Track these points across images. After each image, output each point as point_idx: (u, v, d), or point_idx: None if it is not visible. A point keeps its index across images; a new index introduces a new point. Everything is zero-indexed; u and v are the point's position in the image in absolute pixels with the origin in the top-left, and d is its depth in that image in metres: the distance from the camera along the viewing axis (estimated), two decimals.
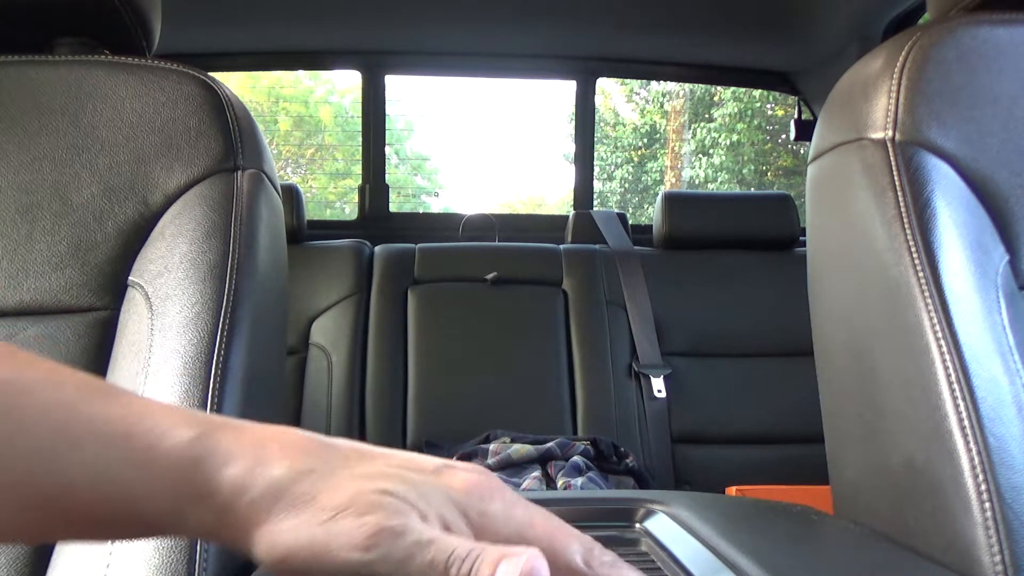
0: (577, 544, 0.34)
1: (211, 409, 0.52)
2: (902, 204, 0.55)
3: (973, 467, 0.47)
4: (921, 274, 0.53)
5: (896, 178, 0.56)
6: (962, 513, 0.47)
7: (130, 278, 0.59)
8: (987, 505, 0.46)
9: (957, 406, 0.49)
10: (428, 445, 1.80)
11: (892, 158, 0.56)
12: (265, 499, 0.33)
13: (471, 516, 0.34)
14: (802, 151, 8.34)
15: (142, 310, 0.57)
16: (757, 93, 8.86)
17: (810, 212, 0.68)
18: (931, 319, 0.52)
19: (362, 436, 1.84)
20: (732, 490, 1.49)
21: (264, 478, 0.33)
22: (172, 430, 0.34)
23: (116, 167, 0.61)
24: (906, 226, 0.55)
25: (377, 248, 2.07)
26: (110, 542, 0.50)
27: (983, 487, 0.46)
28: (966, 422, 0.48)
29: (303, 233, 2.04)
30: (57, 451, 0.33)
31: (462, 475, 0.35)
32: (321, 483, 0.33)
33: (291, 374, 1.89)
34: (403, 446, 1.82)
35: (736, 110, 9.33)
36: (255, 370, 0.56)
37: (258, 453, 0.34)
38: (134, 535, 0.37)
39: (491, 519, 0.34)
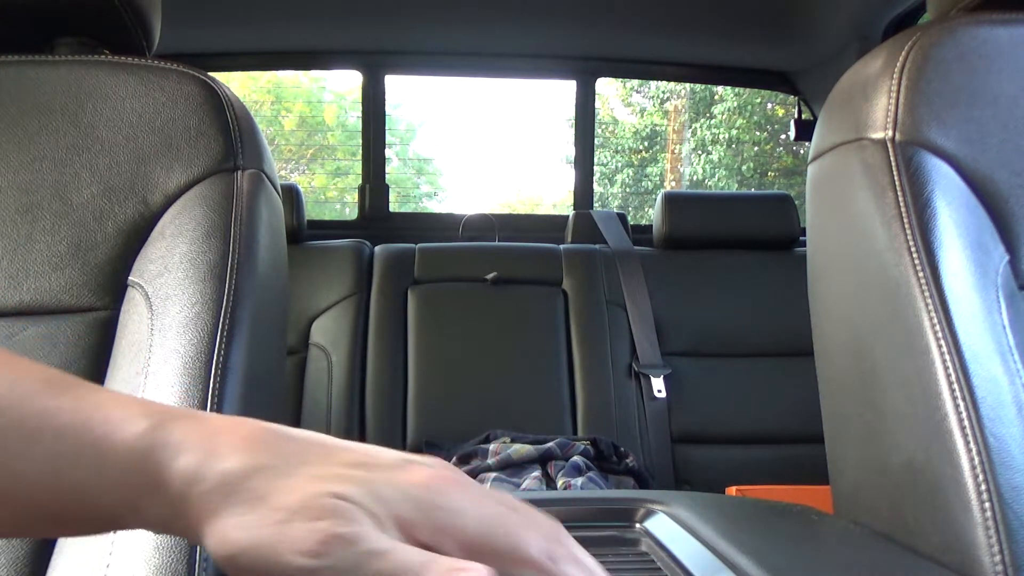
0: (538, 539, 0.33)
1: (211, 409, 0.52)
2: (902, 204, 0.55)
3: (973, 467, 0.47)
4: (921, 274, 0.53)
5: (896, 178, 0.56)
6: (962, 513, 0.47)
7: (130, 278, 0.59)
8: (987, 505, 0.46)
9: (957, 406, 0.49)
10: (428, 445, 1.80)
11: (892, 158, 0.56)
12: (217, 492, 0.32)
13: (430, 512, 0.32)
14: (802, 151, 8.35)
15: (142, 310, 0.57)
16: (756, 92, 8.87)
17: (810, 212, 0.68)
18: (931, 319, 0.52)
19: (362, 436, 1.84)
20: (732, 490, 1.49)
21: (216, 470, 0.32)
22: (126, 422, 0.34)
23: (116, 167, 0.61)
24: (906, 226, 0.55)
25: (377, 248, 2.07)
26: (110, 542, 0.50)
27: (983, 487, 0.46)
28: (966, 422, 0.48)
29: (303, 233, 2.04)
30: (10, 446, 0.33)
31: (422, 470, 0.34)
32: (274, 481, 0.32)
33: (291, 374, 1.89)
34: (403, 446, 1.82)
35: (736, 105, 9.33)
36: (255, 370, 0.56)
37: (211, 445, 0.33)
38: (91, 530, 0.37)
39: (452, 514, 0.33)
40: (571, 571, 0.33)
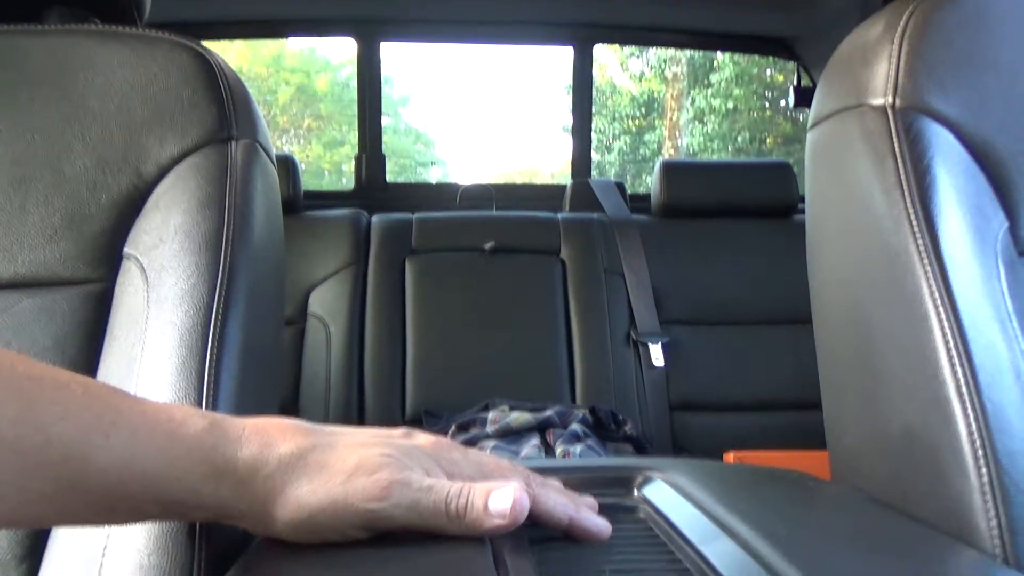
0: (519, 476, 0.43)
1: (208, 380, 0.52)
2: (902, 171, 0.55)
3: (970, 433, 0.47)
4: (920, 241, 0.53)
5: (896, 144, 0.55)
6: (959, 479, 0.47)
7: (125, 250, 0.59)
8: (983, 471, 0.46)
9: (955, 373, 0.49)
10: (427, 415, 1.81)
11: (892, 124, 0.56)
12: (280, 472, 0.39)
13: (442, 464, 0.42)
14: (801, 118, 8.30)
15: (137, 282, 0.57)
16: (755, 57, 8.79)
17: (809, 179, 0.68)
18: (930, 286, 0.51)
19: (361, 406, 1.85)
20: (730, 456, 1.50)
21: (275, 456, 0.39)
22: (187, 419, 0.40)
23: (108, 138, 0.61)
24: (905, 193, 0.54)
25: (374, 218, 2.06)
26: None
27: (980, 453, 0.47)
28: (964, 388, 0.48)
29: (299, 203, 2.03)
30: (92, 438, 0.37)
31: (426, 436, 0.44)
32: (327, 453, 0.39)
33: (290, 345, 1.89)
34: (402, 416, 1.83)
35: (733, 74, 9.25)
36: (252, 341, 0.56)
37: (263, 438, 0.40)
38: (157, 516, 0.43)
39: (456, 465, 0.42)
40: (543, 493, 0.43)
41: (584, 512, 0.45)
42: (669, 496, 0.51)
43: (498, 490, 0.39)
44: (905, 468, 0.52)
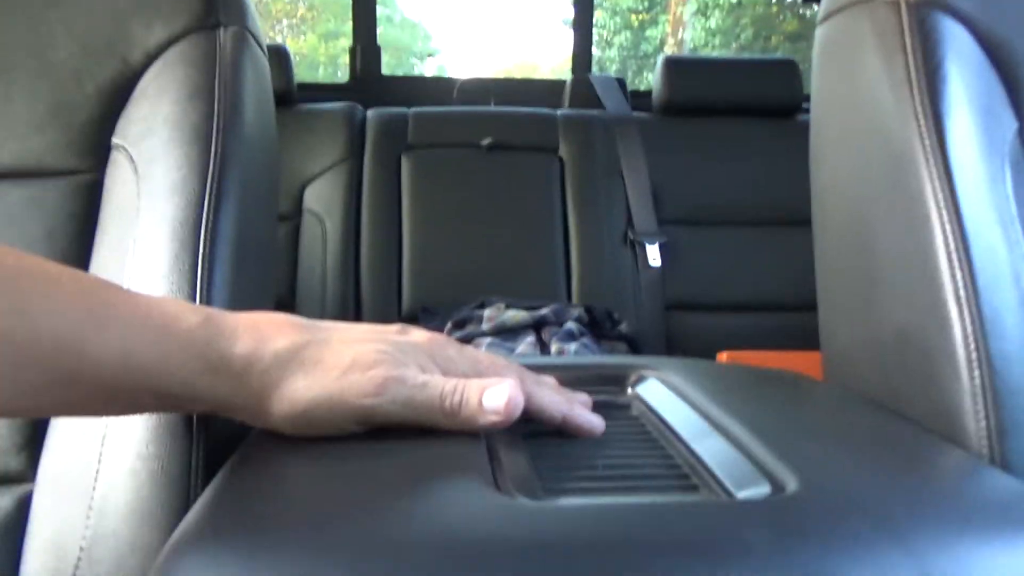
0: (514, 373, 0.44)
1: (201, 274, 0.52)
2: (912, 67, 0.53)
3: (966, 336, 0.47)
4: (927, 141, 0.52)
5: (908, 40, 0.53)
6: (951, 381, 0.47)
7: (113, 140, 0.58)
8: (976, 373, 0.46)
9: (954, 276, 0.48)
10: (423, 311, 1.82)
11: (905, 18, 0.54)
12: (275, 367, 0.39)
13: (437, 361, 0.42)
14: (808, 14, 8.06)
15: (127, 174, 0.56)
16: None
17: (816, 77, 0.66)
18: (933, 187, 0.51)
19: (357, 303, 1.86)
20: (723, 356, 1.52)
21: (270, 350, 0.39)
22: (182, 314, 0.39)
23: (93, 24, 0.59)
24: (914, 90, 0.53)
25: (369, 112, 2.02)
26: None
27: (974, 356, 0.47)
28: (962, 292, 0.48)
29: (293, 96, 1.99)
30: (85, 331, 0.37)
31: (422, 334, 0.44)
32: (322, 349, 0.39)
33: (285, 241, 1.89)
34: (398, 312, 1.84)
35: None
36: (245, 235, 0.56)
37: (258, 333, 0.39)
38: (153, 408, 0.44)
39: (451, 362, 0.42)
40: (537, 390, 0.43)
41: (578, 409, 0.45)
42: (662, 394, 0.51)
43: (493, 387, 0.39)
44: (898, 369, 0.52)
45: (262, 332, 0.39)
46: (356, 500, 0.33)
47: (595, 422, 0.45)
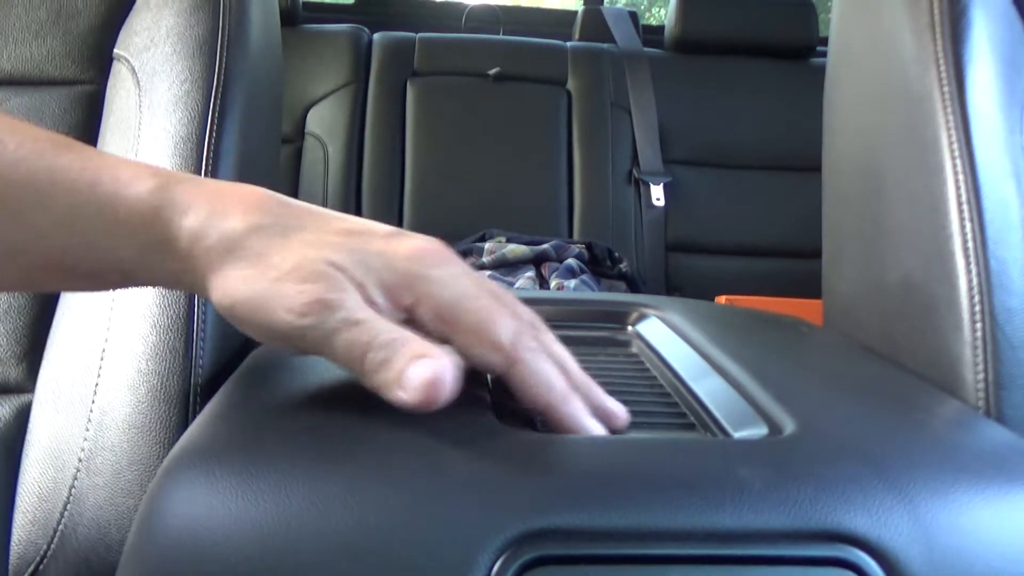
0: (510, 323, 0.34)
1: None
2: (936, 12, 0.52)
3: (971, 287, 0.47)
4: (946, 88, 0.51)
5: None
6: (952, 332, 0.47)
7: (115, 51, 0.56)
8: (978, 325, 0.46)
9: (963, 226, 0.48)
10: None
11: None
12: (219, 248, 0.34)
13: (412, 281, 0.34)
14: None
15: (129, 85, 0.55)
16: None
17: (836, 16, 0.64)
18: (949, 135, 0.50)
19: None
20: (722, 299, 1.52)
21: (218, 228, 0.34)
22: (134, 181, 0.35)
23: None
24: (937, 36, 0.52)
25: (376, 35, 1.98)
26: (106, 319, 0.51)
27: (977, 308, 0.46)
28: (970, 243, 0.47)
29: (298, 15, 1.95)
30: (24, 202, 0.34)
31: (411, 242, 0.35)
32: (272, 241, 0.34)
33: (286, 163, 1.87)
34: None
35: None
36: (249, 154, 0.55)
37: (215, 205, 0.35)
38: (103, 285, 0.40)
39: (430, 283, 0.34)
40: (532, 359, 0.34)
41: (573, 405, 0.34)
42: (663, 333, 0.51)
43: (426, 360, 0.31)
44: (899, 319, 0.52)
45: (219, 206, 0.35)
46: (356, 424, 0.33)
47: (588, 426, 0.34)
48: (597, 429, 0.34)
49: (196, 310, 0.50)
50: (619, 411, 0.36)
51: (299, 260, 0.33)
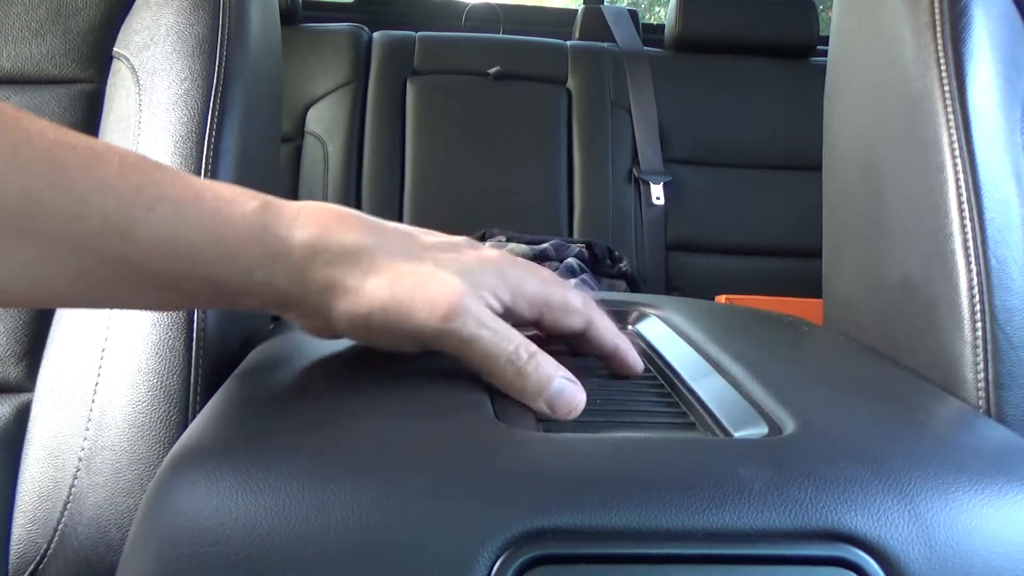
0: (575, 293, 0.42)
1: None
2: (937, 10, 0.52)
3: (971, 287, 0.47)
4: (946, 87, 0.51)
5: None
6: (953, 331, 0.47)
7: (115, 49, 0.56)
8: (979, 325, 0.46)
9: (964, 226, 0.48)
10: None
11: None
12: (343, 260, 0.35)
13: (507, 281, 0.38)
14: None
15: (129, 84, 0.55)
16: None
17: (837, 15, 0.64)
18: (950, 135, 0.50)
19: None
20: (722, 299, 1.52)
21: (336, 242, 0.35)
22: (236, 198, 0.35)
23: None
24: (938, 35, 0.52)
25: (375, 34, 1.98)
26: (107, 317, 0.50)
27: (977, 307, 0.46)
28: (970, 242, 0.47)
29: (298, 13, 1.95)
30: (133, 211, 0.33)
31: (489, 251, 0.40)
32: (395, 253, 0.36)
33: (286, 162, 1.87)
34: None
35: None
36: (249, 153, 0.55)
37: (322, 222, 0.36)
38: (207, 301, 0.41)
39: (519, 282, 0.39)
40: (599, 316, 0.42)
41: (626, 345, 0.44)
42: (663, 332, 0.51)
43: (568, 386, 0.37)
44: (900, 318, 0.52)
45: (326, 222, 0.36)
46: (356, 423, 0.33)
47: (639, 364, 0.44)
48: (641, 365, 0.44)
49: (196, 309, 0.50)
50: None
51: (433, 267, 0.36)
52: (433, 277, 0.36)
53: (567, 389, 0.37)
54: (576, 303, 0.41)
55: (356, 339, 0.38)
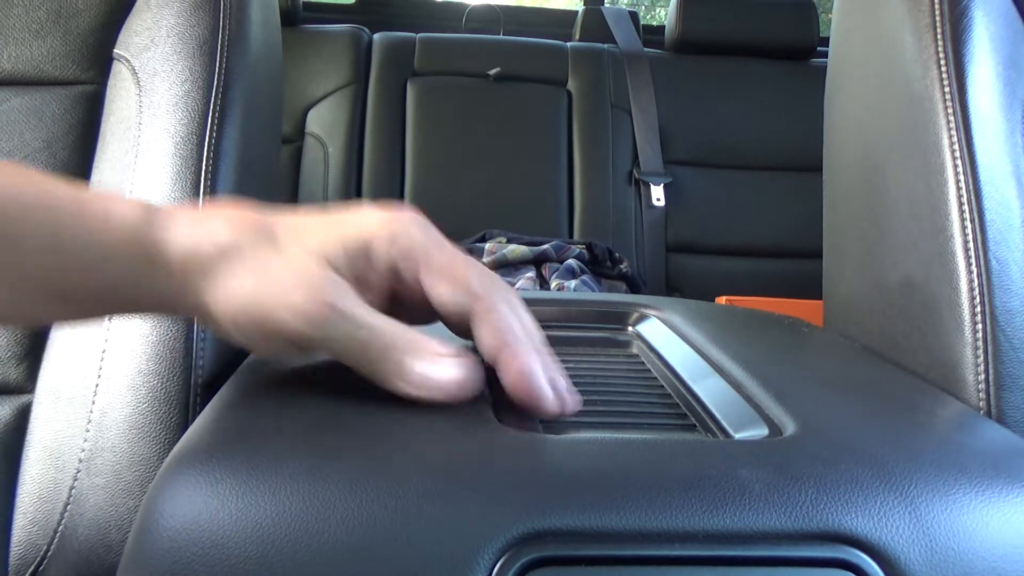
0: (482, 273, 0.36)
1: (204, 192, 0.51)
2: (937, 12, 0.52)
3: (972, 288, 0.47)
4: (947, 89, 0.51)
5: None
6: (954, 333, 0.47)
7: (115, 51, 0.56)
8: (979, 326, 0.46)
9: (964, 227, 0.48)
10: None
11: None
12: (216, 259, 0.34)
13: (408, 250, 0.35)
14: None
15: (129, 86, 0.55)
16: None
17: (836, 16, 0.64)
18: (950, 136, 0.50)
19: None
20: (722, 300, 1.52)
21: (210, 241, 0.34)
22: (119, 203, 0.35)
23: None
24: (938, 36, 0.52)
25: (376, 36, 1.98)
26: (104, 326, 0.50)
27: (978, 309, 0.46)
28: (971, 244, 0.47)
29: (298, 15, 1.95)
30: (12, 218, 0.33)
31: (400, 214, 0.36)
32: (271, 251, 0.35)
33: (286, 163, 1.87)
34: None
35: None
36: (250, 154, 0.55)
37: (204, 223, 0.35)
38: (100, 310, 0.39)
39: (405, 238, 0.35)
40: (506, 312, 0.35)
41: (532, 359, 0.34)
42: (663, 333, 0.51)
43: (448, 360, 0.34)
44: (900, 320, 0.52)
45: (204, 224, 0.35)
46: (356, 424, 0.33)
47: (541, 384, 0.34)
48: (547, 393, 0.34)
49: None
50: (569, 397, 0.35)
51: (303, 268, 0.34)
52: (302, 275, 0.34)
53: (439, 370, 0.33)
54: (471, 278, 0.35)
55: (241, 341, 0.36)
